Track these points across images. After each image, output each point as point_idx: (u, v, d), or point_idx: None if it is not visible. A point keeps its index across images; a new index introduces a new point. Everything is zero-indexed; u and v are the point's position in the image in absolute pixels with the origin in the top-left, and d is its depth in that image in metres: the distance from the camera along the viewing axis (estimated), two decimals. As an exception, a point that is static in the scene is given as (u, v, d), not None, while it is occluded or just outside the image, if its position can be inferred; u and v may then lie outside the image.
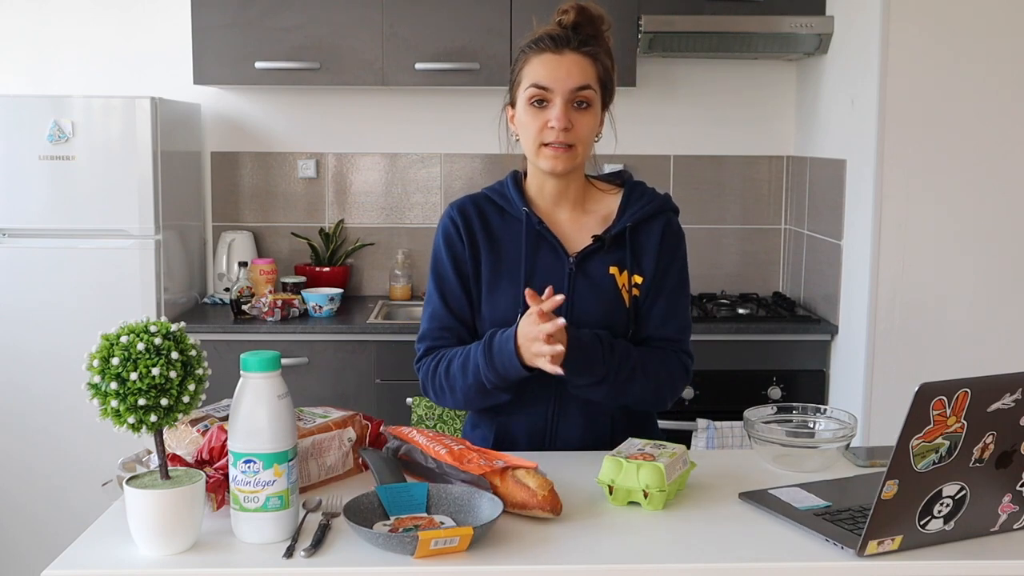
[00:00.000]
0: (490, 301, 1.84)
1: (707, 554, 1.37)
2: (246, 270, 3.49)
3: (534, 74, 1.78)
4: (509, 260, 1.84)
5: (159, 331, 1.32)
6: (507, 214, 1.88)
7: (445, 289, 1.87)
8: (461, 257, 1.86)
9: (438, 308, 1.88)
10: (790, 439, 1.69)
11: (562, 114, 1.76)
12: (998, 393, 1.30)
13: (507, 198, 1.88)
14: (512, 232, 1.86)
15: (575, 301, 1.82)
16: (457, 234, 1.87)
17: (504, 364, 1.72)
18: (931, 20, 2.91)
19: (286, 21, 3.40)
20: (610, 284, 1.83)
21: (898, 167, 2.95)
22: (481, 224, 1.87)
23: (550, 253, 1.84)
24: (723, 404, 3.23)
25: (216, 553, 1.35)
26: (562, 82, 1.77)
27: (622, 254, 1.85)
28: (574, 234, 1.87)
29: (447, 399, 1.86)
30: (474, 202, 1.90)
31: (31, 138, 3.19)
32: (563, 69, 1.77)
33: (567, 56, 1.78)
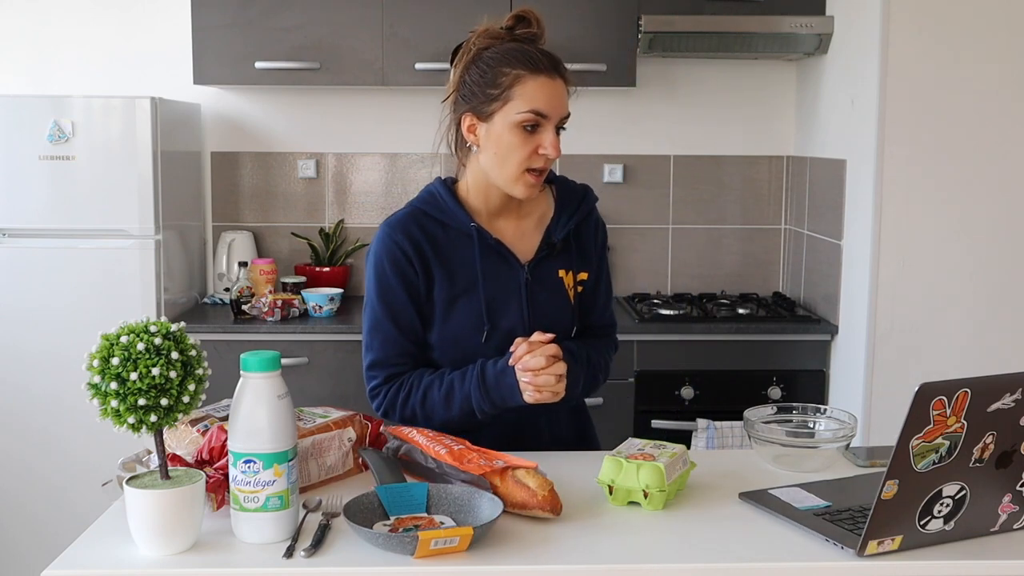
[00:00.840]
0: (447, 321, 1.81)
1: (707, 554, 1.37)
2: (246, 270, 3.49)
3: (533, 98, 1.72)
4: (463, 276, 1.81)
5: (159, 331, 1.32)
6: (449, 228, 1.83)
7: (397, 313, 1.82)
8: (412, 281, 1.81)
9: (391, 333, 1.82)
10: (790, 439, 1.69)
11: (557, 142, 1.74)
12: (998, 393, 1.30)
13: (446, 211, 1.83)
14: (459, 246, 1.82)
15: (533, 309, 1.83)
16: (405, 258, 1.80)
17: (503, 396, 1.74)
18: (931, 20, 2.91)
19: (286, 21, 3.40)
20: (560, 286, 1.86)
21: (898, 167, 2.95)
22: (429, 244, 1.81)
23: (502, 264, 1.83)
24: (723, 404, 3.23)
25: (216, 553, 1.35)
26: (557, 110, 1.74)
27: (568, 255, 1.87)
28: (517, 241, 1.86)
29: (418, 424, 1.81)
30: (415, 220, 1.83)
31: (31, 138, 3.19)
32: (559, 96, 1.75)
33: (558, 82, 1.75)
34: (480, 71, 1.76)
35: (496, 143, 1.76)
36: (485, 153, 1.78)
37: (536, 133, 1.74)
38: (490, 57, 1.76)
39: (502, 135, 1.75)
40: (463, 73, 1.79)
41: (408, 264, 1.81)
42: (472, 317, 1.80)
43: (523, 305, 1.82)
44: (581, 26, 3.39)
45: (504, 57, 1.75)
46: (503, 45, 1.77)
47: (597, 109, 3.74)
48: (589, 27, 3.40)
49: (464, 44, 1.82)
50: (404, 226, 1.83)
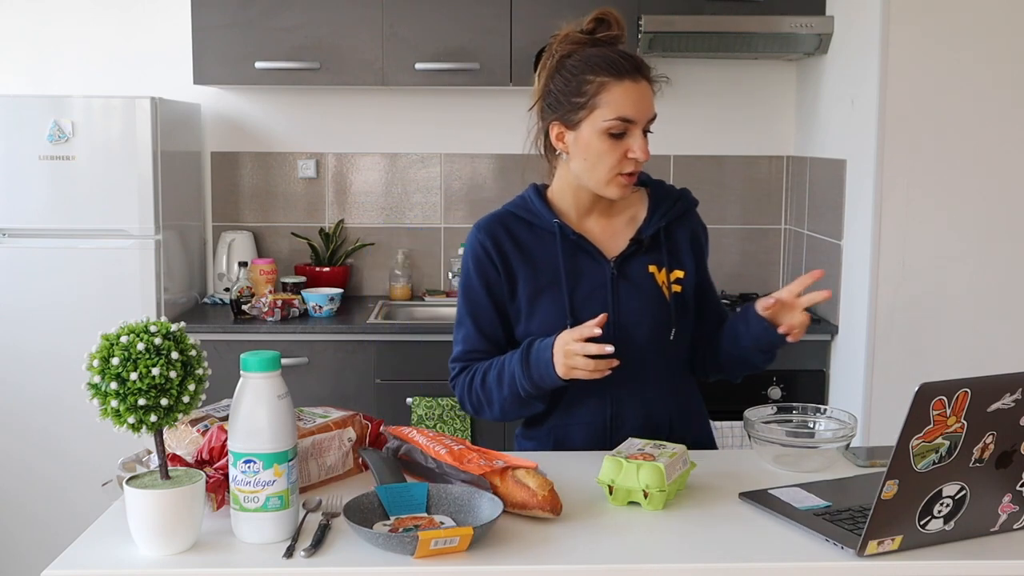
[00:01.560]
0: (532, 317, 1.83)
1: (707, 554, 1.37)
2: (246, 270, 3.49)
3: (619, 106, 1.74)
4: (547, 273, 1.83)
5: (159, 331, 1.32)
6: (536, 228, 1.86)
7: (478, 313, 1.86)
8: (495, 281, 1.85)
9: (471, 332, 1.87)
10: (790, 439, 1.69)
11: (645, 145, 1.76)
12: (998, 393, 1.30)
13: (534, 212, 1.86)
14: (545, 245, 1.85)
15: (619, 304, 1.82)
16: (488, 258, 1.84)
17: (540, 374, 1.72)
18: (931, 20, 2.91)
19: (286, 21, 3.40)
20: (651, 283, 1.84)
21: (898, 167, 2.95)
22: (512, 243, 1.85)
23: (589, 260, 1.84)
24: (723, 404, 3.22)
25: (216, 553, 1.35)
26: (644, 113, 1.77)
27: (659, 253, 1.86)
28: (606, 240, 1.87)
29: (485, 412, 1.85)
30: (501, 221, 1.87)
31: (31, 138, 3.19)
32: (644, 100, 1.77)
33: (643, 84, 1.77)
34: (564, 79, 1.78)
35: (585, 150, 1.78)
36: (575, 160, 1.80)
37: (624, 138, 1.76)
38: (573, 65, 1.78)
39: (591, 142, 1.76)
40: (547, 81, 1.81)
41: (490, 264, 1.84)
42: (555, 312, 1.81)
43: (608, 300, 1.81)
44: (581, 26, 3.39)
45: (587, 64, 1.76)
46: (585, 51, 1.78)
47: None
48: (589, 27, 3.39)
49: (546, 50, 1.84)
50: (489, 227, 1.87)
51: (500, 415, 1.84)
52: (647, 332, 1.81)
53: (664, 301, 1.84)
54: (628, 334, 1.80)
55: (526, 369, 1.74)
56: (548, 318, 1.81)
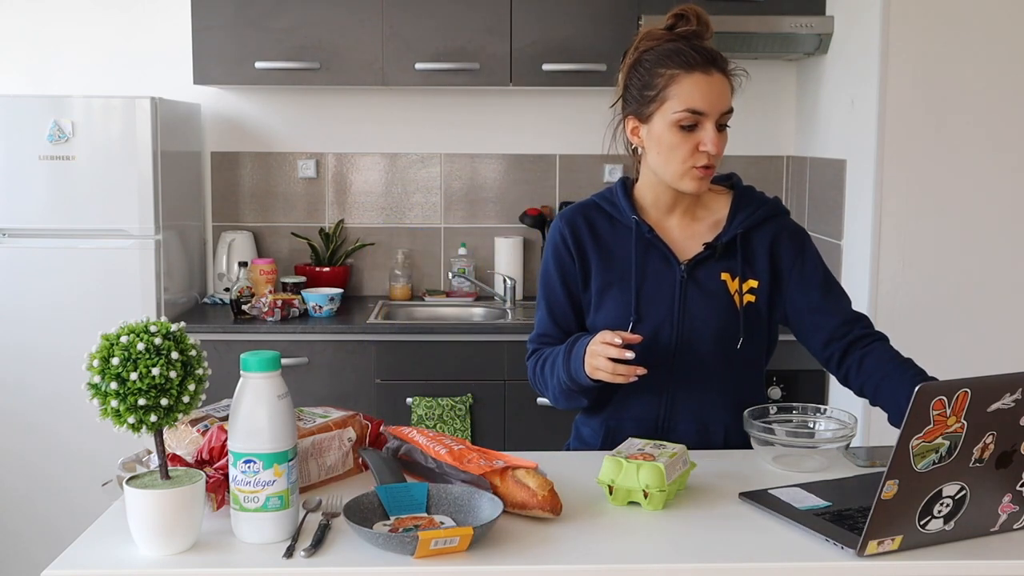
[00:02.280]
0: (600, 310, 1.84)
1: (707, 554, 1.37)
2: (246, 270, 3.49)
3: (688, 97, 1.73)
4: (619, 268, 1.84)
5: (159, 331, 1.32)
6: (617, 222, 1.87)
7: (552, 300, 1.89)
8: (570, 271, 1.87)
9: (544, 317, 1.90)
10: (790, 439, 1.69)
11: (718, 138, 1.74)
12: (998, 393, 1.30)
13: (617, 206, 1.87)
14: (622, 240, 1.85)
15: (686, 308, 1.81)
16: (566, 248, 1.87)
17: (575, 369, 1.74)
18: (931, 20, 2.91)
19: (286, 21, 3.40)
20: (722, 291, 1.82)
21: (898, 167, 2.95)
22: (590, 234, 1.87)
23: (661, 260, 1.83)
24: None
25: (216, 553, 1.35)
26: (715, 106, 1.74)
27: (733, 261, 1.83)
28: (684, 241, 1.86)
29: (548, 396, 1.88)
30: (583, 211, 1.89)
31: (31, 138, 3.19)
32: (715, 92, 1.74)
33: (716, 77, 1.75)
34: (639, 75, 1.79)
35: (658, 143, 1.78)
36: (650, 154, 1.81)
37: (695, 131, 1.75)
38: (648, 60, 1.78)
39: (662, 136, 1.77)
40: (626, 78, 1.83)
41: (567, 252, 1.87)
42: (621, 308, 1.82)
43: (675, 302, 1.81)
44: (581, 26, 3.39)
45: (660, 58, 1.77)
46: (662, 46, 1.78)
47: (597, 109, 3.71)
48: (589, 27, 3.40)
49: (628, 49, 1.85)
50: (571, 216, 1.89)
51: (554, 402, 1.88)
52: (711, 339, 1.80)
53: (734, 310, 1.82)
54: (691, 338, 1.80)
55: (566, 363, 1.76)
56: (613, 313, 1.82)
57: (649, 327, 1.79)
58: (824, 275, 1.88)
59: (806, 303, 1.85)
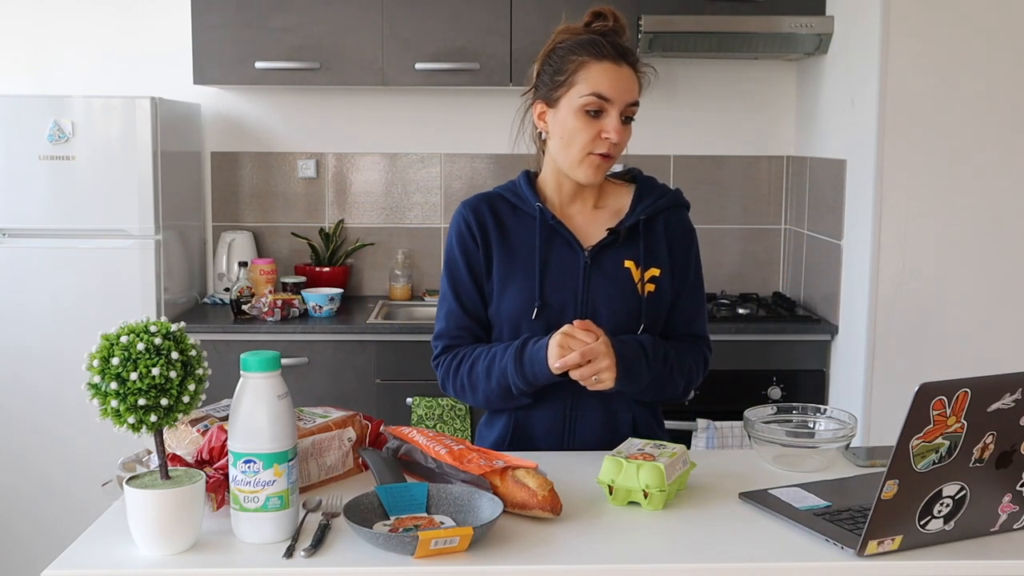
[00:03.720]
0: (503, 296, 1.85)
1: (707, 554, 1.37)
2: (246, 270, 3.49)
3: (595, 82, 1.77)
4: (523, 255, 1.85)
5: (159, 331, 1.32)
6: (520, 211, 1.89)
7: (459, 289, 1.88)
8: (474, 257, 1.87)
9: (453, 307, 1.89)
10: (790, 439, 1.69)
11: (619, 126, 1.78)
12: (998, 393, 1.30)
13: (520, 196, 1.89)
14: (525, 228, 1.87)
15: (590, 293, 1.83)
16: (470, 233, 1.87)
17: (535, 372, 1.74)
18: (931, 20, 2.91)
19: (286, 21, 3.40)
20: (625, 277, 1.84)
21: (898, 167, 2.95)
22: (494, 221, 1.88)
23: (564, 247, 1.85)
24: (723, 404, 3.23)
25: (216, 553, 1.35)
26: (622, 95, 1.78)
27: (636, 248, 1.86)
28: (588, 228, 1.88)
29: (467, 398, 1.87)
30: (487, 200, 1.91)
31: (31, 138, 3.19)
32: (623, 82, 1.78)
33: (625, 69, 1.79)
34: (552, 62, 1.83)
35: (562, 127, 1.81)
36: (553, 139, 1.83)
37: (600, 118, 1.78)
38: (561, 48, 1.82)
39: (567, 119, 1.80)
40: (540, 66, 1.86)
41: (471, 239, 1.87)
42: (526, 293, 1.83)
43: (579, 288, 1.83)
44: (581, 26, 3.39)
45: (573, 47, 1.81)
46: (577, 38, 1.82)
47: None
48: (589, 27, 3.39)
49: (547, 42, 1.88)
50: (474, 205, 1.91)
51: (483, 404, 1.87)
52: (613, 325, 1.80)
53: (636, 297, 1.84)
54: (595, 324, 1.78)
55: (519, 367, 1.76)
56: (517, 299, 1.83)
57: (553, 312, 1.81)
58: (695, 284, 1.94)
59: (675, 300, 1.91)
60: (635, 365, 1.75)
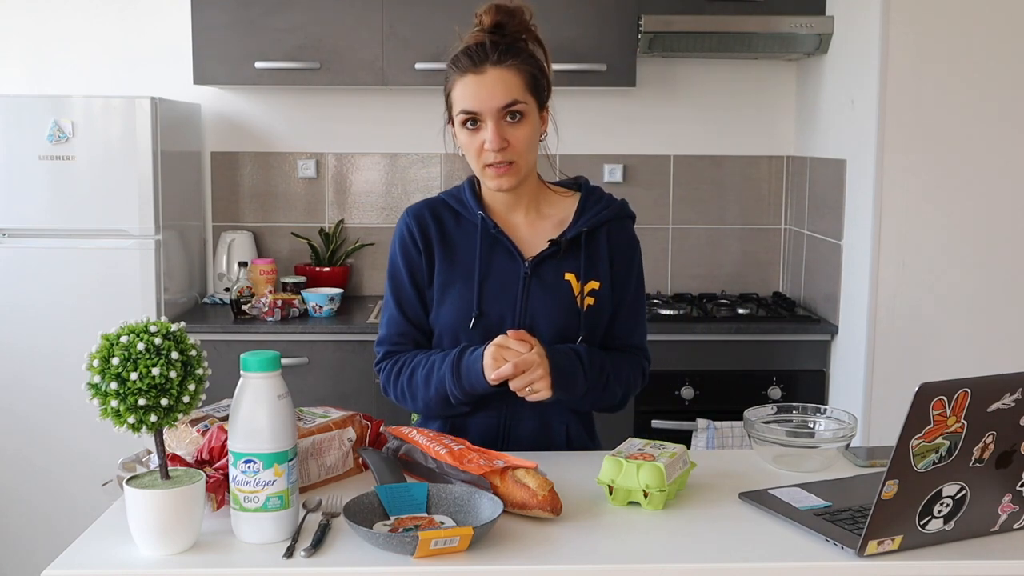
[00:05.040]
0: (442, 305, 1.85)
1: (707, 554, 1.37)
2: (246, 270, 3.49)
3: (460, 99, 1.77)
4: (463, 264, 1.85)
5: (159, 331, 1.32)
6: (463, 218, 1.88)
7: (401, 296, 1.88)
8: (416, 264, 1.87)
9: (394, 314, 1.89)
10: (790, 439, 1.69)
11: (495, 136, 1.75)
12: (998, 393, 1.30)
13: (463, 203, 1.88)
14: (467, 236, 1.86)
15: (529, 304, 1.83)
16: (412, 241, 1.87)
17: (472, 383, 1.75)
18: (931, 20, 2.91)
19: (286, 21, 3.40)
20: (565, 290, 1.84)
21: (898, 167, 2.95)
22: (437, 229, 1.87)
23: (505, 257, 1.84)
24: (723, 404, 3.23)
25: (216, 553, 1.35)
26: (487, 103, 1.74)
27: (577, 260, 1.85)
28: (530, 238, 1.87)
29: (408, 404, 1.88)
30: (430, 207, 1.90)
31: (31, 138, 3.19)
32: (486, 90, 1.75)
33: (489, 73, 1.75)
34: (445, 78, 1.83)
35: (460, 143, 1.83)
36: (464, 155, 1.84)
37: (478, 129, 1.77)
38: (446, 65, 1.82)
39: (459, 135, 1.82)
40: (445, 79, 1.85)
41: (413, 246, 1.87)
42: (464, 302, 1.82)
43: (518, 299, 1.83)
44: (581, 26, 3.39)
45: (448, 63, 1.81)
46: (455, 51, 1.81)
47: (597, 109, 3.73)
48: (589, 27, 3.40)
49: None
50: (417, 212, 1.91)
51: (423, 410, 1.88)
52: (551, 337, 1.80)
53: (575, 310, 1.83)
54: (532, 335, 1.78)
55: (456, 378, 1.76)
56: (456, 307, 1.83)
57: (492, 321, 1.81)
58: (635, 296, 1.92)
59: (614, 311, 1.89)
60: (570, 375, 1.75)
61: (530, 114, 1.78)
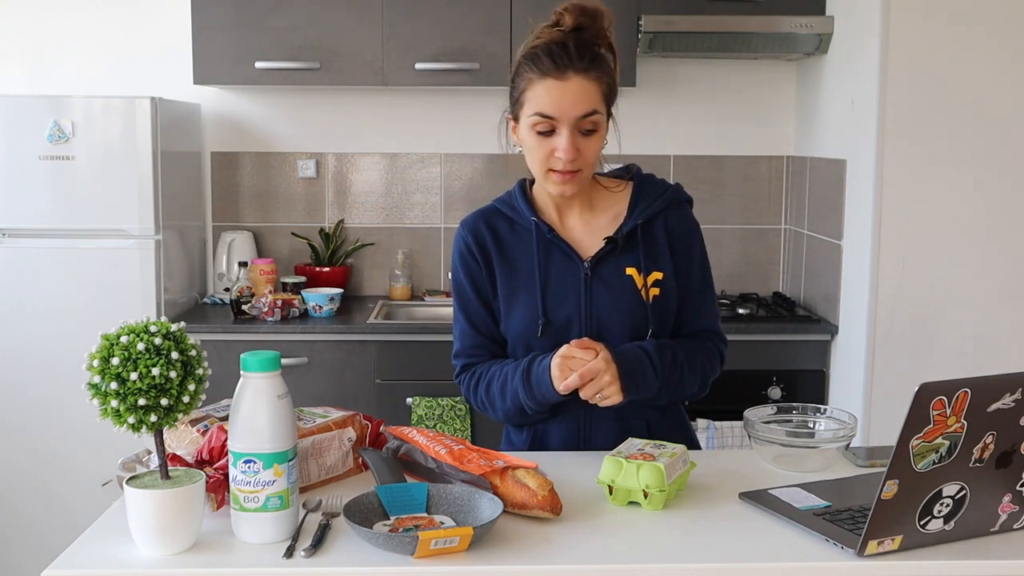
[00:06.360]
0: (509, 315, 1.84)
1: (707, 554, 1.37)
2: (246, 270, 3.49)
3: (538, 102, 1.71)
4: (523, 272, 1.83)
5: (159, 331, 1.32)
6: (517, 225, 1.86)
7: (469, 310, 1.87)
8: (478, 277, 1.85)
9: (465, 328, 1.88)
10: (790, 439, 1.69)
11: (569, 146, 1.70)
12: (998, 393, 1.30)
13: (516, 209, 1.86)
14: (524, 243, 1.84)
15: (593, 305, 1.80)
16: (471, 255, 1.85)
17: (543, 393, 1.73)
18: (931, 20, 2.91)
19: (286, 21, 3.40)
20: (628, 285, 1.81)
21: (898, 167, 2.95)
22: (493, 240, 1.85)
23: (563, 260, 1.82)
24: (723, 404, 3.22)
25: (216, 553, 1.35)
26: (568, 111, 1.70)
27: (636, 254, 1.82)
28: (586, 238, 1.84)
29: (490, 414, 1.87)
30: (484, 217, 1.88)
31: (31, 138, 3.19)
32: (568, 98, 1.69)
33: (572, 81, 1.69)
34: (514, 75, 1.78)
35: (524, 143, 1.78)
36: (525, 156, 1.80)
37: (552, 136, 1.72)
38: (519, 61, 1.77)
39: (525, 137, 1.77)
40: (511, 77, 1.81)
41: (472, 260, 1.85)
42: (530, 311, 1.81)
43: (581, 301, 1.80)
44: (581, 26, 3.39)
45: (525, 60, 1.75)
46: (533, 47, 1.75)
47: (597, 109, 3.73)
48: (589, 27, 3.39)
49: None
50: (472, 224, 1.88)
51: (505, 420, 1.87)
52: (621, 335, 1.78)
53: (641, 304, 1.81)
54: (601, 336, 1.78)
55: (528, 388, 1.75)
56: (522, 317, 1.81)
57: (558, 327, 1.79)
58: (701, 280, 1.89)
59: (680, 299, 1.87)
60: (640, 375, 1.73)
61: (602, 124, 1.75)
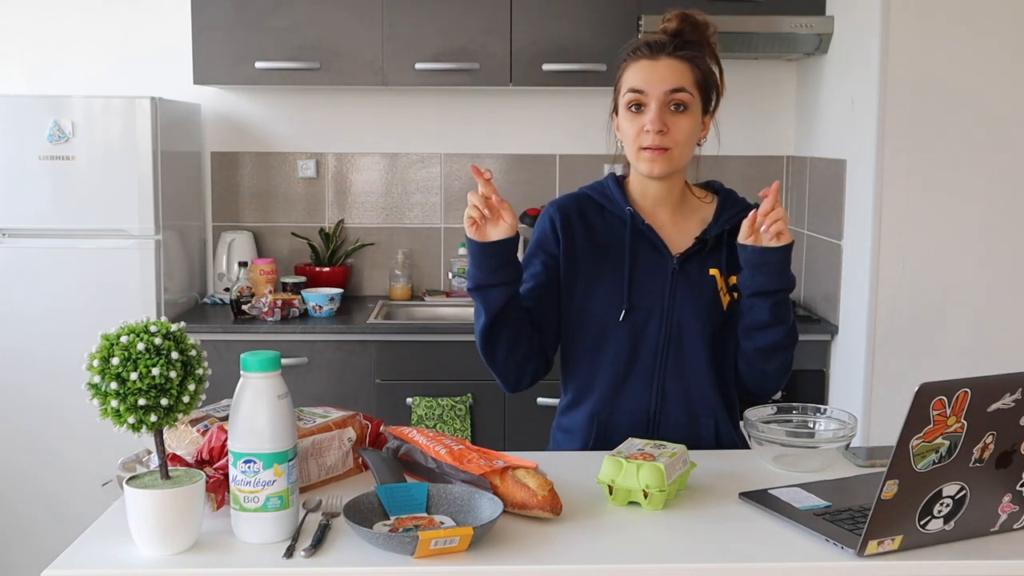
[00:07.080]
0: (590, 296, 1.87)
1: (707, 554, 1.37)
2: (246, 270, 3.49)
3: (631, 79, 1.83)
4: (611, 258, 1.87)
5: (159, 331, 1.32)
6: (608, 212, 1.91)
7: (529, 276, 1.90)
8: (551, 251, 1.90)
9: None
10: (790, 439, 1.69)
11: (656, 117, 1.80)
12: (998, 393, 1.30)
13: (609, 198, 1.92)
14: (613, 230, 1.89)
15: (676, 299, 1.86)
16: (552, 228, 1.90)
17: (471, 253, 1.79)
18: (931, 20, 2.92)
19: (286, 21, 3.40)
20: (710, 285, 1.87)
21: (898, 167, 2.95)
22: (581, 221, 1.90)
23: (653, 253, 1.88)
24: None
25: (216, 553, 1.35)
26: (656, 85, 1.81)
27: (719, 256, 1.89)
28: (675, 236, 1.90)
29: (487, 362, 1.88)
30: (575, 200, 1.94)
31: (31, 138, 3.19)
32: (657, 73, 1.81)
33: (662, 61, 1.82)
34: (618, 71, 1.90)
35: (620, 130, 1.89)
36: (622, 143, 1.89)
37: (642, 113, 1.82)
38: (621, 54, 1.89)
39: (621, 121, 1.88)
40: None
41: (552, 234, 1.90)
42: (613, 295, 1.85)
43: (666, 293, 1.85)
44: (581, 26, 3.39)
45: (624, 52, 1.88)
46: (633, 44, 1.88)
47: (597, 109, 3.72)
48: (589, 27, 3.40)
49: None
50: (562, 204, 1.95)
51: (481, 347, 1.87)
52: (699, 331, 1.85)
53: (719, 304, 1.87)
54: (680, 330, 1.85)
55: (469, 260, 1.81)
56: (605, 301, 1.86)
57: (640, 314, 1.84)
58: None
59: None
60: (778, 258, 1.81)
61: (693, 108, 1.84)
